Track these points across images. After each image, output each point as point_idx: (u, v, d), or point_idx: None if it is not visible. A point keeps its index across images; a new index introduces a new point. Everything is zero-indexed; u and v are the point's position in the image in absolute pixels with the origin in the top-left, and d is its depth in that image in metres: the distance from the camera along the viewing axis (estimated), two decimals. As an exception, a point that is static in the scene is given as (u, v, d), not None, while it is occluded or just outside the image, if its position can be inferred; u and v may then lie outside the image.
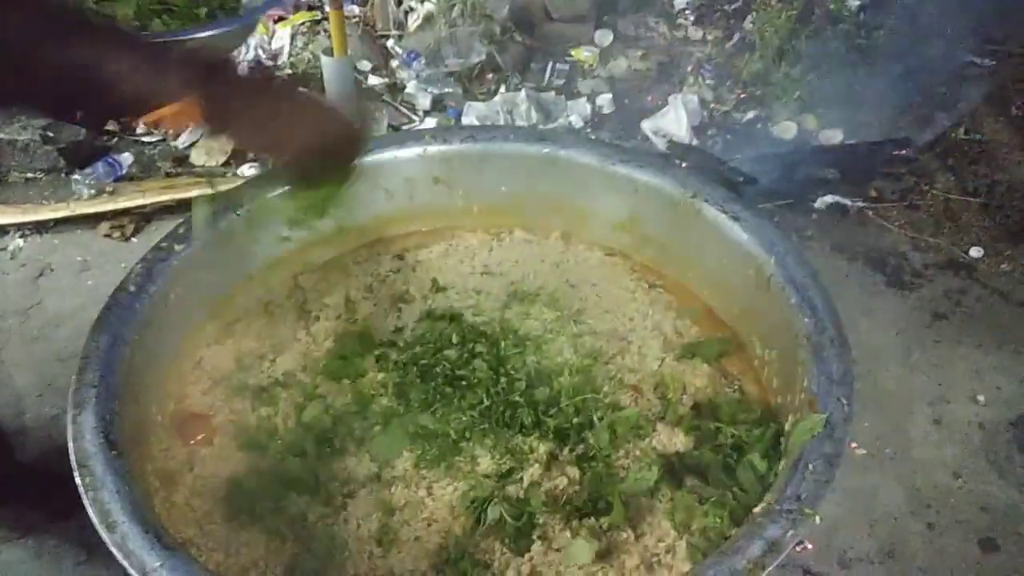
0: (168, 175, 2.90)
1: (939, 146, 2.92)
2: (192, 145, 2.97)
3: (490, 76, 3.26)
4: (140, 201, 2.69)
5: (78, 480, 0.98)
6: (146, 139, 3.03)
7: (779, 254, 1.25)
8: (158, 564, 0.89)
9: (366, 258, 1.57)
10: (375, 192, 1.53)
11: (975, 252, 2.55)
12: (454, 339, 1.39)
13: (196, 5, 1.13)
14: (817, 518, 0.94)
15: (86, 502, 0.96)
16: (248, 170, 2.87)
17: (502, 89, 3.20)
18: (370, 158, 1.49)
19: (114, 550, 0.91)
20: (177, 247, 1.29)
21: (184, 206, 2.73)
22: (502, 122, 3.01)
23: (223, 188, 1.33)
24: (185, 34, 1.07)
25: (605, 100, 3.19)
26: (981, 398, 2.14)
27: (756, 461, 1.13)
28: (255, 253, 1.44)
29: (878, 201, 2.74)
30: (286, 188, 1.20)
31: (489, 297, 1.46)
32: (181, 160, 2.95)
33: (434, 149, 1.51)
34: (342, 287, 1.51)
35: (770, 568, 0.88)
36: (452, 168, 1.54)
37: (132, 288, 1.21)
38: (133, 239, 2.65)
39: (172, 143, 3.00)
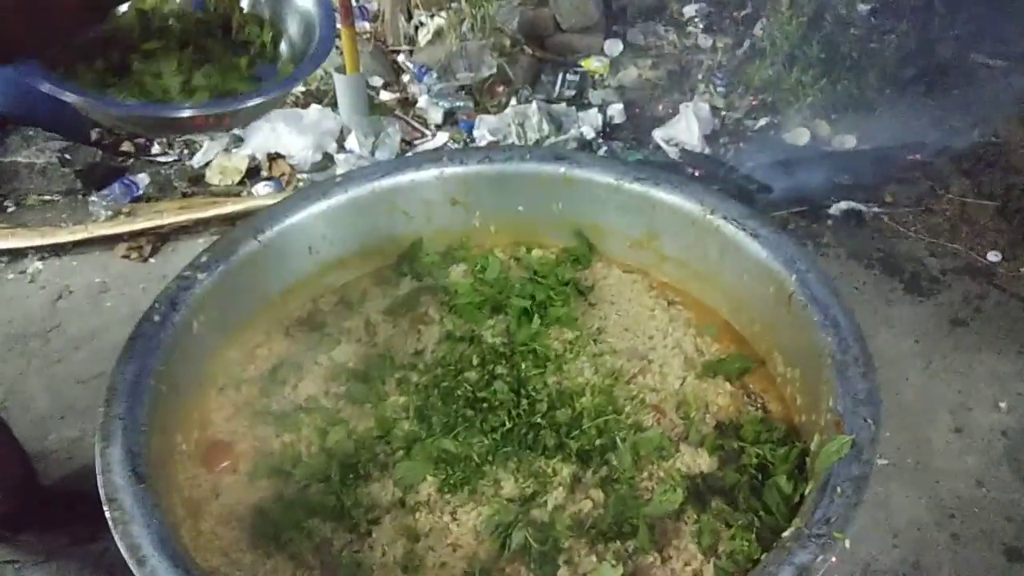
0: (184, 195, 2.92)
1: (953, 150, 2.90)
2: (207, 165, 2.99)
3: (501, 89, 3.27)
4: (157, 222, 2.71)
5: (108, 514, 0.99)
6: (161, 159, 3.05)
7: (800, 271, 1.25)
8: (189, 598, 0.90)
9: (385, 280, 1.57)
10: (394, 214, 1.54)
11: (993, 256, 2.53)
12: (474, 361, 1.40)
13: (235, 54, 1.13)
14: (847, 542, 0.93)
15: (116, 537, 0.96)
16: (263, 188, 2.88)
17: (513, 101, 3.21)
18: (388, 181, 1.50)
19: (145, 584, 0.92)
20: (200, 275, 1.30)
21: (201, 226, 2.76)
22: (514, 134, 3.02)
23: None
24: (232, 103, 1.08)
25: (616, 110, 3.19)
26: (1003, 405, 2.12)
27: (782, 483, 1.12)
28: (275, 278, 1.45)
29: (893, 206, 2.72)
30: None
31: (508, 318, 1.46)
32: (197, 180, 2.97)
33: (451, 171, 1.52)
34: (362, 310, 1.52)
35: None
36: (469, 189, 1.54)
37: (156, 318, 1.22)
38: (151, 260, 2.67)
39: (188, 163, 3.03)
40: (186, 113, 1.07)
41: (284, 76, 1.14)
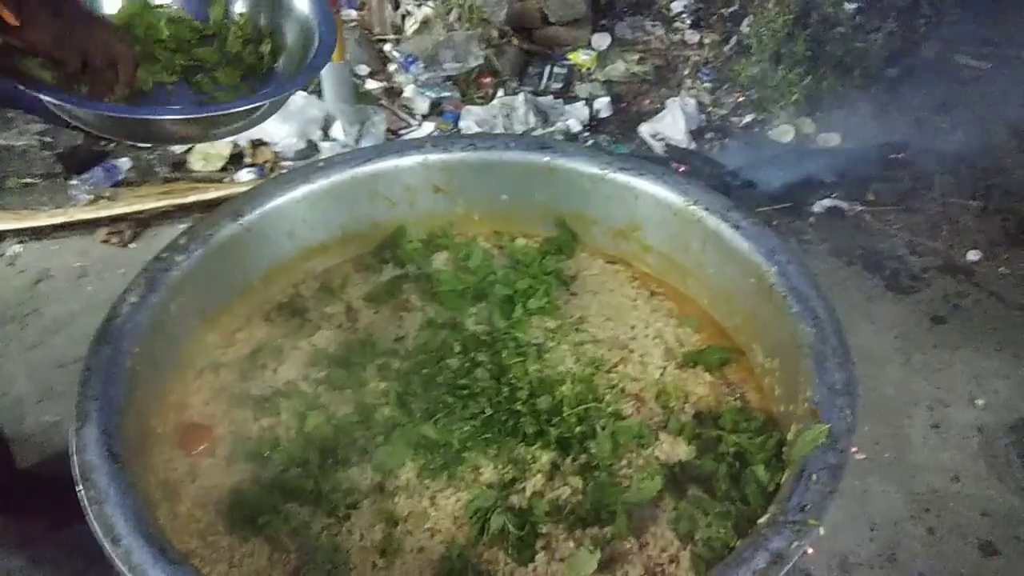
0: (166, 180, 2.90)
1: (936, 149, 2.93)
2: (189, 150, 2.97)
3: (488, 80, 3.26)
4: (138, 207, 2.69)
5: (81, 494, 0.98)
6: (143, 144, 3.02)
7: (780, 263, 1.26)
8: (162, 577, 0.89)
9: (367, 267, 1.56)
10: (376, 200, 1.53)
11: (973, 255, 2.56)
12: (456, 348, 1.39)
13: (231, 64, 1.14)
14: (821, 529, 0.94)
15: (89, 516, 0.95)
16: (246, 175, 2.86)
17: (500, 93, 3.20)
18: (371, 167, 1.50)
19: (118, 564, 0.91)
20: (178, 258, 1.29)
21: (182, 212, 2.74)
22: (500, 126, 3.01)
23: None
24: (214, 108, 1.08)
25: (603, 103, 3.20)
26: (980, 402, 2.15)
27: (760, 472, 1.13)
28: (255, 262, 1.44)
29: (876, 204, 2.74)
30: None
31: (490, 305, 1.46)
32: (178, 165, 2.95)
33: (435, 157, 1.51)
34: (343, 296, 1.51)
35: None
36: (452, 176, 1.54)
37: (133, 299, 1.21)
38: (132, 245, 2.64)
39: (170, 148, 3.00)
40: (166, 116, 1.06)
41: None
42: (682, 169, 2.81)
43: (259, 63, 1.19)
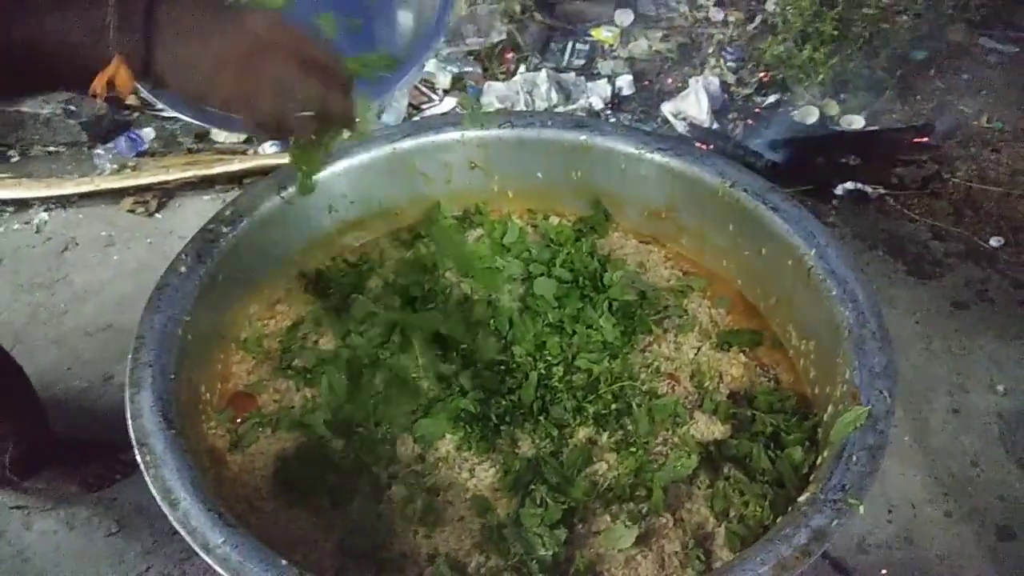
0: (190, 151, 2.90)
1: (961, 134, 2.91)
2: (214, 121, 2.97)
3: (510, 55, 3.25)
4: (164, 177, 2.70)
5: (139, 458, 1.00)
6: (167, 114, 3.02)
7: (820, 246, 1.27)
8: (221, 540, 0.92)
9: (403, 242, 1.58)
10: (413, 176, 1.54)
11: (995, 242, 2.56)
12: (491, 324, 1.41)
13: None
14: (861, 508, 0.96)
15: (148, 479, 0.98)
16: (270, 147, 2.87)
17: (522, 69, 3.18)
18: (410, 142, 1.50)
19: (177, 526, 0.94)
20: (224, 229, 1.31)
21: (207, 183, 2.75)
22: (522, 102, 3.00)
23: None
24: None
25: (625, 81, 3.18)
26: (1000, 388, 2.16)
27: (795, 453, 1.15)
28: (296, 235, 1.46)
29: (899, 189, 2.73)
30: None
31: (526, 283, 1.47)
32: (202, 136, 2.96)
33: (472, 134, 1.52)
34: (380, 271, 1.53)
35: (816, 555, 0.91)
36: (489, 153, 1.55)
37: (183, 269, 1.23)
38: (157, 215, 2.66)
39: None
40: None
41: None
42: (709, 148, 2.81)
43: None
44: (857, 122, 3.02)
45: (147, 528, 1.88)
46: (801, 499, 1.00)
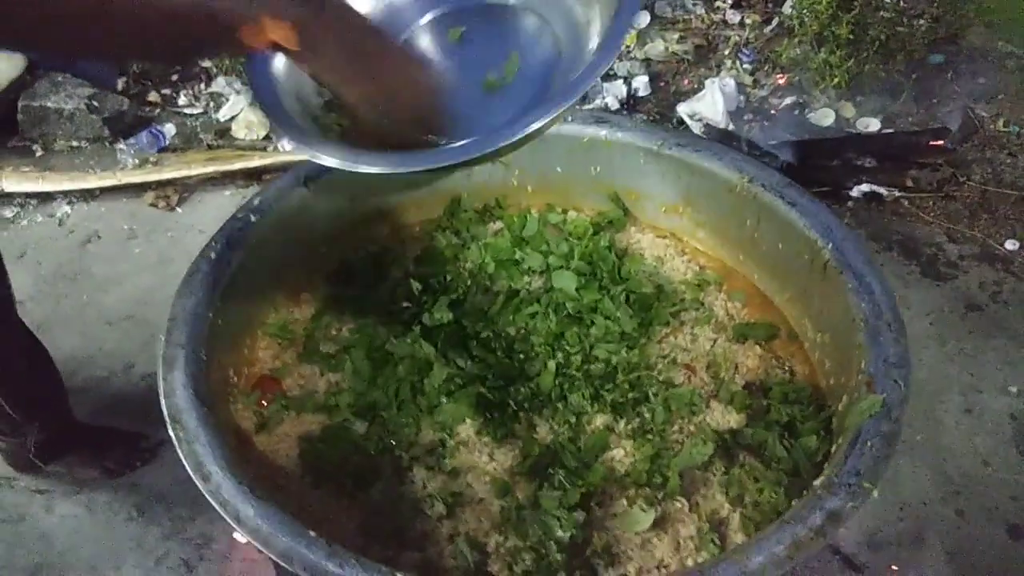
0: (210, 147, 2.95)
1: (977, 137, 2.92)
2: (233, 119, 3.02)
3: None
4: (185, 172, 2.75)
5: (172, 434, 1.03)
6: (188, 111, 3.08)
7: (837, 240, 1.29)
8: (252, 512, 0.95)
9: (424, 235, 1.61)
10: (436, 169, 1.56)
11: (1011, 245, 2.57)
12: (510, 314, 1.44)
13: None
14: (875, 492, 0.98)
15: (181, 454, 1.01)
16: (289, 144, 2.90)
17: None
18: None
19: (210, 499, 0.97)
20: (253, 217, 1.34)
21: (227, 178, 2.80)
22: (539, 103, 3.03)
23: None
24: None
25: (641, 82, 3.20)
26: (1013, 389, 2.17)
27: (810, 442, 1.17)
28: (319, 225, 1.49)
29: (914, 191, 2.75)
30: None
31: (544, 274, 1.50)
32: (222, 133, 3.00)
33: (494, 128, 1.55)
34: (402, 262, 1.56)
35: (831, 537, 0.93)
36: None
37: (213, 255, 1.26)
38: (178, 209, 2.71)
39: (214, 116, 3.05)
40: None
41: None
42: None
43: None
44: (873, 125, 3.03)
45: (166, 514, 1.92)
46: (816, 482, 1.02)
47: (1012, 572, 1.84)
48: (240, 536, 0.97)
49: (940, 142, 2.87)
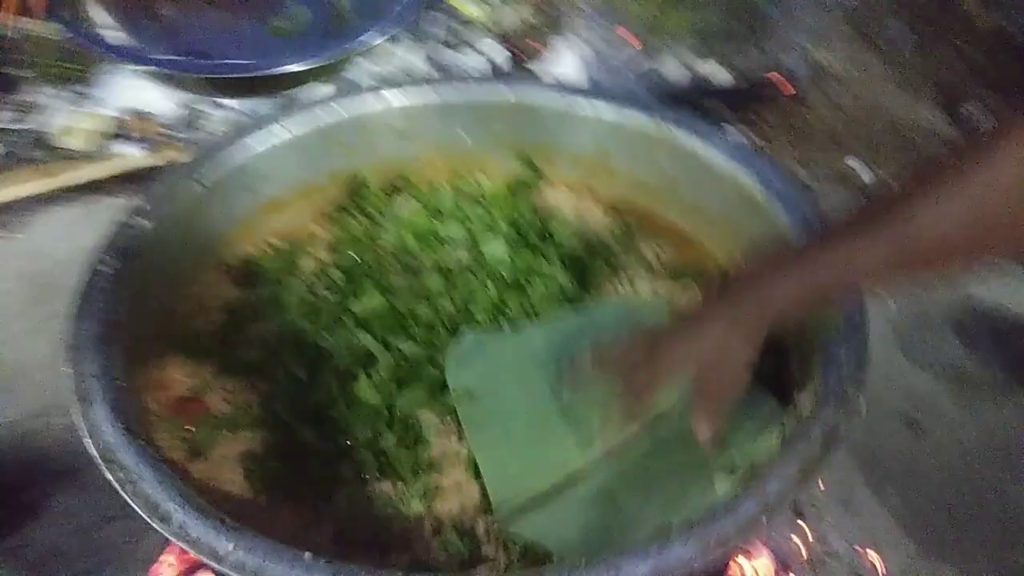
0: (35, 160, 2.61)
1: (814, 73, 3.15)
2: (67, 131, 2.68)
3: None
4: (16, 194, 2.41)
5: (110, 477, 0.88)
6: (13, 126, 2.71)
7: (759, 170, 1.31)
8: (231, 546, 0.82)
9: (331, 220, 1.49)
10: (334, 149, 1.45)
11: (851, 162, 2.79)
12: (440, 288, 1.36)
13: None
14: (862, 401, 1.00)
15: (128, 498, 0.86)
16: (134, 150, 2.63)
17: (399, 51, 3.10)
18: (333, 117, 1.42)
19: (176, 541, 0.83)
20: (142, 222, 1.18)
21: (74, 193, 2.48)
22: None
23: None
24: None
25: (502, 57, 3.17)
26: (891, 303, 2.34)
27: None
28: (217, 223, 1.34)
29: (766, 127, 2.93)
30: None
31: (471, 245, 1.43)
32: (52, 147, 2.66)
33: (396, 104, 1.46)
34: (310, 251, 1.44)
35: (839, 448, 0.94)
36: (413, 119, 1.49)
37: (107, 270, 1.09)
38: (18, 235, 2.38)
39: (43, 129, 2.70)
40: None
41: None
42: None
43: None
44: (722, 75, 3.17)
45: (66, 570, 1.68)
46: (801, 399, 1.03)
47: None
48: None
49: (781, 81, 3.06)
